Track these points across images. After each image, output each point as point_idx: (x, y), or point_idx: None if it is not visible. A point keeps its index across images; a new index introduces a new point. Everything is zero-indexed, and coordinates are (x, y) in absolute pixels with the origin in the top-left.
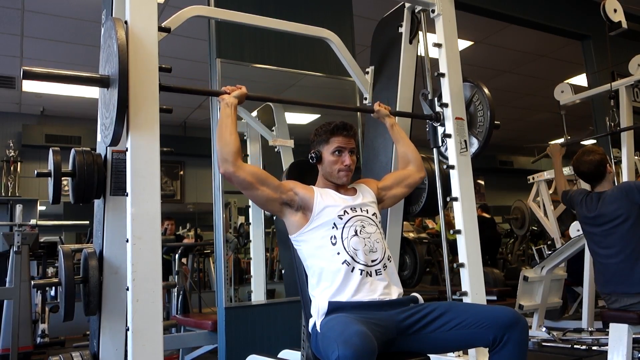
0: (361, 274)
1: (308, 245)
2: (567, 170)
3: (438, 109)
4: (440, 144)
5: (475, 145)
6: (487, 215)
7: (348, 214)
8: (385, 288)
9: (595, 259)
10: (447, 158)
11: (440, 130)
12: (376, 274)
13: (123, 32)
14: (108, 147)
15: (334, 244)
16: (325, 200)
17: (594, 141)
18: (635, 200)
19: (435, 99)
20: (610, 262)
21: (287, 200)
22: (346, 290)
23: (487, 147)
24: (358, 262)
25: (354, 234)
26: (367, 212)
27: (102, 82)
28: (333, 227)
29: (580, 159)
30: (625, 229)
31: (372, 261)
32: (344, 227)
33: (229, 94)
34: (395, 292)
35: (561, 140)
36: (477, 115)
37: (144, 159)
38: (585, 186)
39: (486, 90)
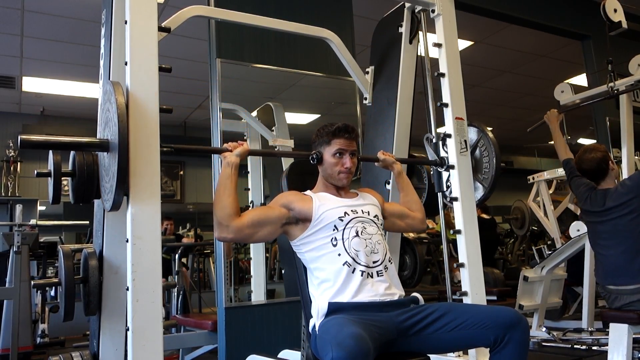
0: (362, 275)
1: (309, 248)
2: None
3: (443, 153)
4: (445, 189)
5: (480, 190)
6: (486, 216)
7: (349, 215)
8: (387, 289)
9: (596, 250)
10: (451, 202)
11: (444, 175)
12: (377, 275)
13: (122, 98)
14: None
15: (334, 246)
16: (325, 205)
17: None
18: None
19: (440, 142)
20: (610, 253)
21: (286, 221)
22: (347, 291)
23: (491, 194)
24: (359, 264)
25: (355, 235)
26: (369, 214)
27: (102, 147)
28: (334, 230)
29: (582, 157)
30: (627, 222)
31: (374, 262)
32: (344, 229)
33: (231, 151)
34: (397, 293)
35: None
36: (483, 160)
37: (144, 159)
38: None
39: (491, 135)
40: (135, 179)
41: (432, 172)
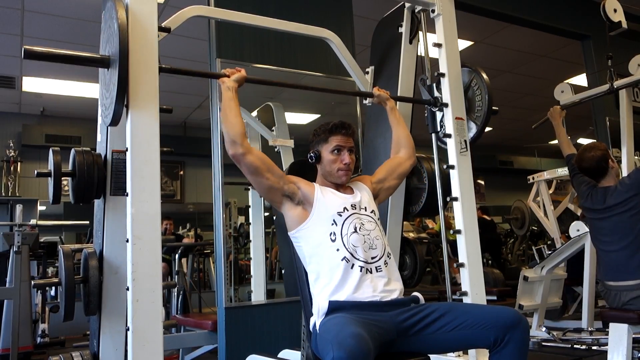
0: (361, 270)
1: (307, 242)
2: (566, 170)
3: (436, 93)
4: (438, 129)
5: (473, 130)
6: (487, 218)
7: (347, 211)
8: (386, 285)
9: (597, 247)
10: (445, 144)
11: (438, 115)
12: (376, 271)
13: (124, 12)
14: (108, 146)
15: (333, 241)
16: (326, 197)
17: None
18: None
19: (434, 84)
20: (611, 249)
21: (289, 192)
22: (345, 287)
23: (484, 131)
24: (358, 259)
25: (354, 230)
26: (366, 210)
27: (103, 62)
28: (332, 224)
29: (582, 155)
30: (627, 218)
31: (372, 258)
32: (343, 224)
33: (228, 76)
34: (396, 288)
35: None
36: (475, 100)
37: (144, 158)
38: None
39: (484, 75)
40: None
41: (425, 114)
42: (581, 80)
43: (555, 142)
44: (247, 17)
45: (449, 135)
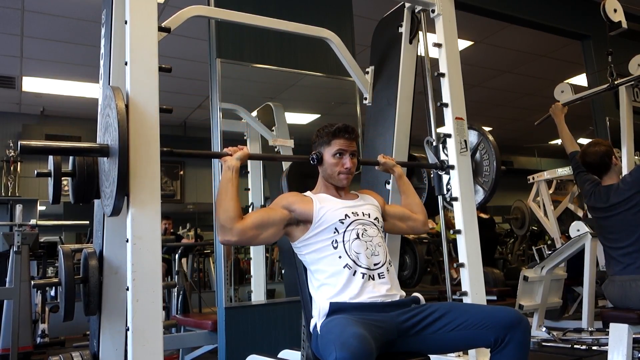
0: (363, 277)
1: (309, 250)
2: (567, 170)
3: (443, 157)
4: (445, 192)
5: (480, 194)
6: (484, 216)
7: (349, 217)
8: (388, 291)
9: (604, 244)
10: (451, 205)
11: (445, 178)
12: (379, 277)
13: (122, 104)
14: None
15: (335, 248)
16: (326, 207)
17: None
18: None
19: (440, 145)
20: (618, 246)
21: (288, 223)
22: (347, 292)
23: (492, 197)
24: (360, 266)
25: (356, 237)
26: (369, 217)
27: (102, 152)
28: (335, 232)
29: (586, 150)
30: (631, 215)
31: (375, 265)
32: (345, 231)
33: (231, 155)
34: (397, 294)
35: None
36: (483, 163)
37: (144, 159)
38: None
39: (491, 138)
40: (136, 182)
41: (432, 175)
42: (581, 80)
43: (555, 142)
44: (247, 17)
45: (449, 135)
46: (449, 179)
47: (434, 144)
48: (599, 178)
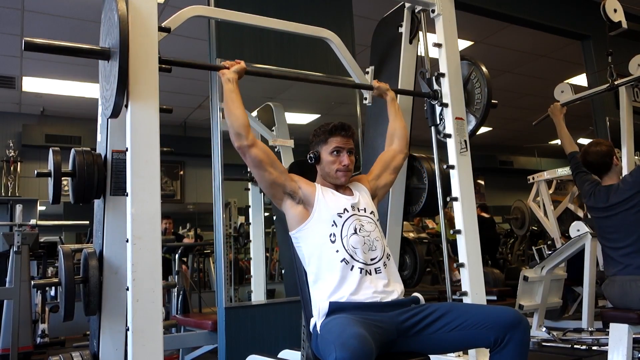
0: (360, 272)
1: (307, 242)
2: (567, 170)
3: (435, 87)
4: (438, 122)
5: (472, 123)
6: (485, 215)
7: (347, 212)
8: (386, 286)
9: (603, 244)
10: (444, 137)
11: (437, 109)
12: (376, 272)
13: (124, 4)
14: (108, 146)
15: (333, 242)
16: (326, 198)
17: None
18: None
19: (433, 77)
20: (617, 246)
21: (290, 190)
22: (344, 287)
23: (483, 124)
24: (357, 261)
25: (353, 232)
26: (365, 211)
27: (103, 54)
28: (332, 225)
29: (587, 150)
30: (631, 215)
31: (372, 259)
32: (343, 225)
33: (228, 68)
34: (395, 289)
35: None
36: (475, 93)
37: (144, 158)
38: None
39: (484, 69)
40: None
41: (425, 107)
42: (581, 80)
43: (555, 142)
44: (247, 17)
45: (449, 135)
46: (441, 110)
47: (427, 75)
48: (599, 178)
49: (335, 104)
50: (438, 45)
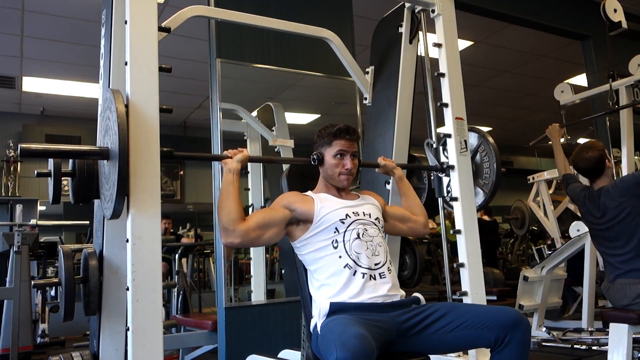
0: (364, 277)
1: (309, 250)
2: None
3: (443, 159)
4: (445, 194)
5: (480, 196)
6: (487, 218)
7: (350, 217)
8: (389, 291)
9: (602, 251)
10: (452, 207)
11: (445, 180)
12: (380, 277)
13: (123, 107)
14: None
15: (335, 248)
16: (326, 207)
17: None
18: (638, 193)
19: (441, 147)
20: (616, 253)
21: (289, 222)
22: (347, 292)
23: (492, 199)
24: (361, 266)
25: (356, 237)
26: (370, 217)
27: (102, 155)
28: (335, 232)
29: (579, 155)
30: (629, 222)
31: (375, 264)
32: (345, 231)
33: (231, 157)
34: (398, 294)
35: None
36: (483, 166)
37: (144, 159)
38: (584, 180)
39: (491, 140)
40: (136, 183)
41: (432, 178)
42: (581, 80)
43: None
44: (247, 17)
45: (449, 135)
46: (449, 180)
47: (434, 145)
48: (590, 182)
49: (335, 104)
50: (438, 45)
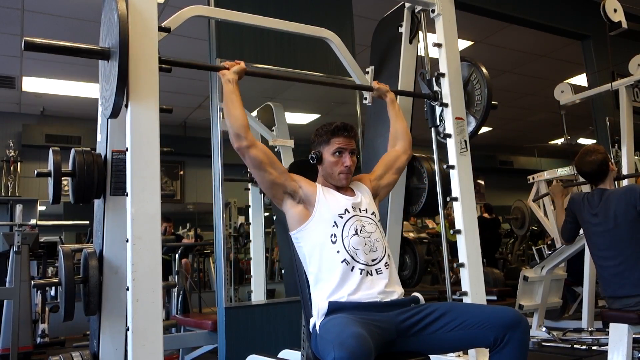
0: (361, 273)
1: (308, 243)
2: (567, 170)
3: (436, 88)
4: (438, 123)
5: (472, 124)
6: (487, 216)
7: (349, 212)
8: (387, 287)
9: (595, 261)
10: (444, 137)
11: (438, 110)
12: (377, 273)
13: (124, 4)
14: (108, 146)
15: (333, 242)
16: (327, 198)
17: (594, 141)
18: (637, 205)
19: (434, 78)
20: (610, 264)
21: (291, 190)
22: (344, 288)
23: (483, 125)
24: (358, 262)
25: (354, 233)
26: (367, 212)
27: (103, 54)
28: (333, 226)
29: (582, 159)
30: (624, 232)
31: (373, 260)
32: (344, 226)
33: (228, 69)
34: (396, 290)
35: (563, 172)
36: (475, 94)
37: (144, 158)
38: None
39: (484, 70)
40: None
41: (425, 109)
42: (581, 80)
43: (556, 142)
44: (247, 17)
45: (449, 135)
46: (442, 111)
47: (427, 76)
48: (593, 186)
49: (335, 104)
50: (438, 45)
